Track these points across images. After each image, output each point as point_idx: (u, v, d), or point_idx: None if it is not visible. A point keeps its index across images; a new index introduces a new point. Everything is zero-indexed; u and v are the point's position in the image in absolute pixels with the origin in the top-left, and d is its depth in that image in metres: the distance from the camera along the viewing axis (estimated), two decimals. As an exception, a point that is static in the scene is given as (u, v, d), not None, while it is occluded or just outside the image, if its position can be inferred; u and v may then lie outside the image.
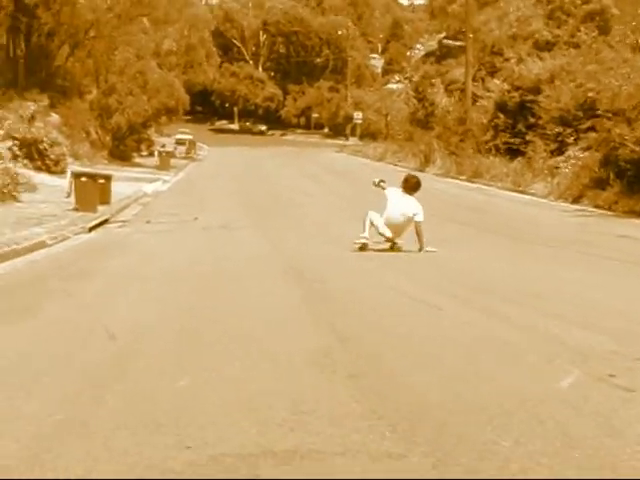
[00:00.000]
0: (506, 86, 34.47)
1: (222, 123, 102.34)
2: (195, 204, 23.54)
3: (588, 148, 26.58)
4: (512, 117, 33.49)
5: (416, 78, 54.55)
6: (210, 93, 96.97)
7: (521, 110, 32.86)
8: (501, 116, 34.04)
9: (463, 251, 12.24)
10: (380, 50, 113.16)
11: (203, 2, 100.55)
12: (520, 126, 32.18)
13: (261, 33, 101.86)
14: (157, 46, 51.27)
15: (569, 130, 27.71)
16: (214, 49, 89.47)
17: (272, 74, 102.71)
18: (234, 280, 9.38)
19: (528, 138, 31.20)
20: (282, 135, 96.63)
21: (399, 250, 12.27)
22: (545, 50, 34.98)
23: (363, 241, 12.19)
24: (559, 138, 27.86)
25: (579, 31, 34.75)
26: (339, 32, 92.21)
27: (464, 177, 32.87)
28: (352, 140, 75.09)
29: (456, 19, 55.86)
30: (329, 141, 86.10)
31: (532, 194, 24.80)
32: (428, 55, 63.03)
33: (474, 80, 39.40)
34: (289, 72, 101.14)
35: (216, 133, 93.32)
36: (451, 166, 35.21)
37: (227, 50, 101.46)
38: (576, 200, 21.60)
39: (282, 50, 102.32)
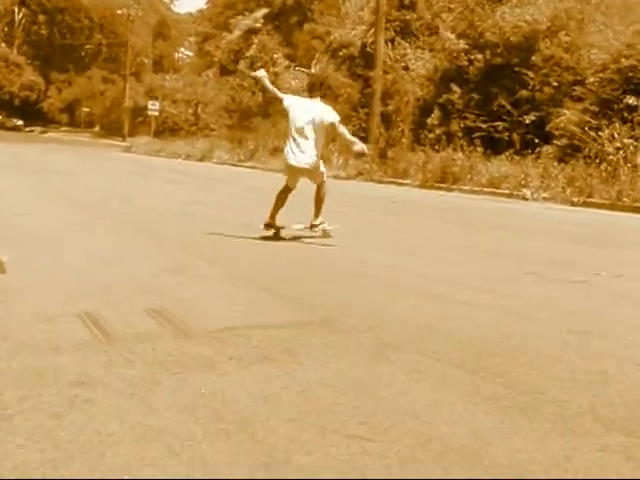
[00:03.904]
0: (462, 44, 22.61)
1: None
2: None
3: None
4: (478, 90, 21.70)
5: (252, 52, 41.59)
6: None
7: (497, 78, 21.17)
8: (456, 89, 22.15)
9: None
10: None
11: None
12: (502, 101, 20.43)
13: (17, 9, 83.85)
14: None
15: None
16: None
17: (29, 61, 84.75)
18: None
19: (527, 120, 19.55)
20: (43, 132, 79.19)
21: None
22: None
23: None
24: (633, 116, 16.24)
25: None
26: (119, 11, 76.79)
27: (412, 183, 20.45)
28: (131, 140, 60.16)
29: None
30: (103, 141, 70.45)
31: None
32: (250, 32, 50.16)
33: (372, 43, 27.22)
34: (52, 58, 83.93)
35: (-44, 126, 74.27)
36: (370, 166, 22.70)
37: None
38: None
39: (44, 31, 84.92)
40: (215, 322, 4.40)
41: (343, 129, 8.85)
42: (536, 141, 19.15)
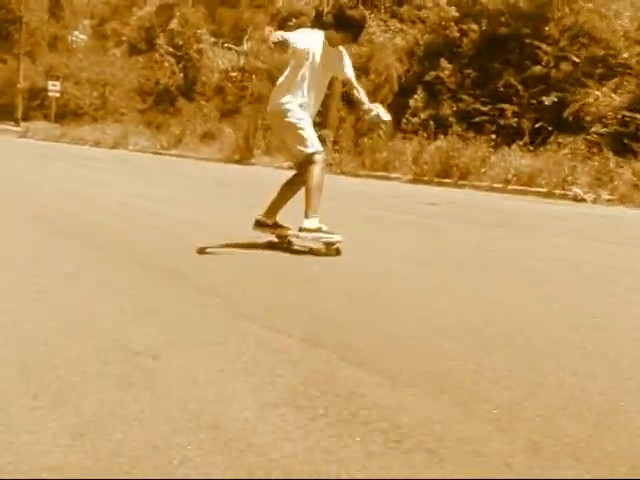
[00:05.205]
0: (454, 12, 18.97)
1: None
2: None
3: None
4: (474, 66, 18.12)
5: (174, 26, 36.92)
6: None
7: (498, 52, 17.65)
8: (446, 66, 18.50)
9: None
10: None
11: None
12: (510, 79, 16.90)
13: None
14: None
15: None
16: None
17: None
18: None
19: (547, 102, 16.09)
20: None
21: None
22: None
23: None
24: None
25: None
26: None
27: (402, 177, 16.81)
28: (26, 125, 54.51)
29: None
30: (-6, 126, 64.00)
31: None
32: (164, 8, 45.46)
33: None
34: None
35: None
36: (341, 155, 18.95)
37: None
38: None
39: None
40: None
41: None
42: (550, 128, 15.75)
